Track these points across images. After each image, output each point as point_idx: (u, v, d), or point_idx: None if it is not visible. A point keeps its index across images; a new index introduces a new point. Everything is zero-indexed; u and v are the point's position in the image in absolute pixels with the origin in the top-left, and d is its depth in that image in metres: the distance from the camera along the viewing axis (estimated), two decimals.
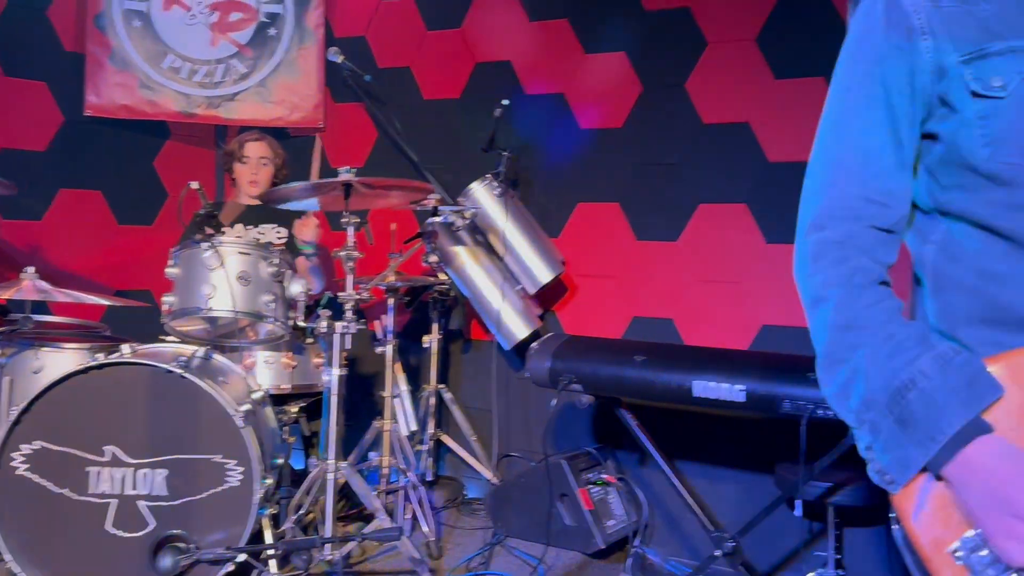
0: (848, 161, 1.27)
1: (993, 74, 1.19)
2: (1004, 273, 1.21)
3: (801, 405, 2.91)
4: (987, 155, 1.19)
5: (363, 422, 3.83)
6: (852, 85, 1.29)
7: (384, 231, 3.98)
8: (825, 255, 1.25)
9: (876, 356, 1.18)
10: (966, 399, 1.11)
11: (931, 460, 1.11)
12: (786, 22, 3.68)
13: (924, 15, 1.23)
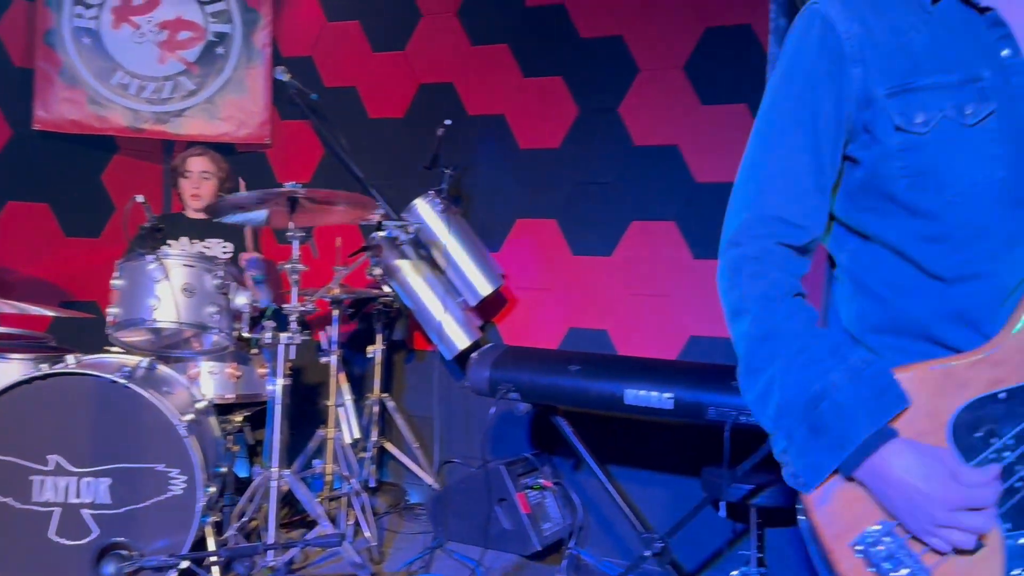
0: (770, 181, 1.27)
1: (917, 110, 1.19)
2: (909, 288, 1.22)
3: (725, 412, 2.94)
4: (904, 187, 1.20)
5: (308, 430, 3.77)
6: (782, 106, 1.28)
7: (329, 245, 3.93)
8: (742, 270, 1.25)
9: (791, 367, 1.19)
10: (874, 410, 1.13)
11: (841, 465, 1.13)
12: (712, 52, 3.73)
13: (856, 43, 1.22)
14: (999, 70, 1.17)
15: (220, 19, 4.57)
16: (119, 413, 2.96)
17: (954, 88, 1.17)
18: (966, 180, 1.17)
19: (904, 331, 1.24)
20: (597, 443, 3.47)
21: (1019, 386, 1.14)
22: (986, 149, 1.16)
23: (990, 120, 1.16)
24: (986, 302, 1.18)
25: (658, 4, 3.84)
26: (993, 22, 1.18)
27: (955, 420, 1.14)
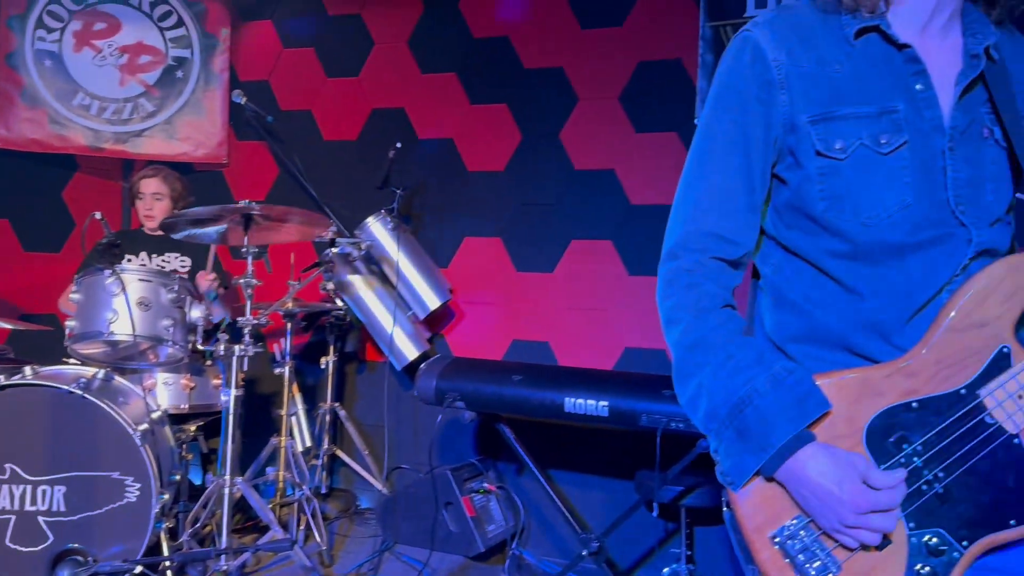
0: (705, 200, 1.27)
1: (836, 137, 1.20)
2: (827, 301, 1.24)
3: (657, 419, 2.97)
4: (823, 208, 1.21)
5: (261, 439, 3.72)
6: (716, 128, 1.28)
7: (284, 261, 3.90)
8: (677, 281, 1.26)
9: (719, 374, 1.20)
10: (794, 415, 1.14)
11: (763, 466, 1.15)
12: (645, 84, 3.78)
13: (784, 71, 1.22)
14: (912, 103, 1.20)
15: (180, 44, 4.52)
16: (75, 423, 2.91)
17: (871, 119, 1.19)
18: (879, 204, 1.19)
19: (822, 341, 1.25)
20: (538, 449, 3.48)
21: (929, 396, 1.17)
22: (898, 176, 1.19)
23: (903, 150, 1.19)
24: (897, 316, 1.21)
25: (596, 38, 3.88)
26: (909, 58, 1.21)
27: (870, 426, 1.17)
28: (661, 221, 1.35)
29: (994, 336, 1.17)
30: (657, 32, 3.77)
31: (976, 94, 1.21)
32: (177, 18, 4.52)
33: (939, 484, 1.15)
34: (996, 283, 1.17)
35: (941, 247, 1.19)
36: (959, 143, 1.19)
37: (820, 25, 1.24)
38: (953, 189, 1.18)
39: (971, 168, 1.20)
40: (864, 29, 1.21)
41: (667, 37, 3.74)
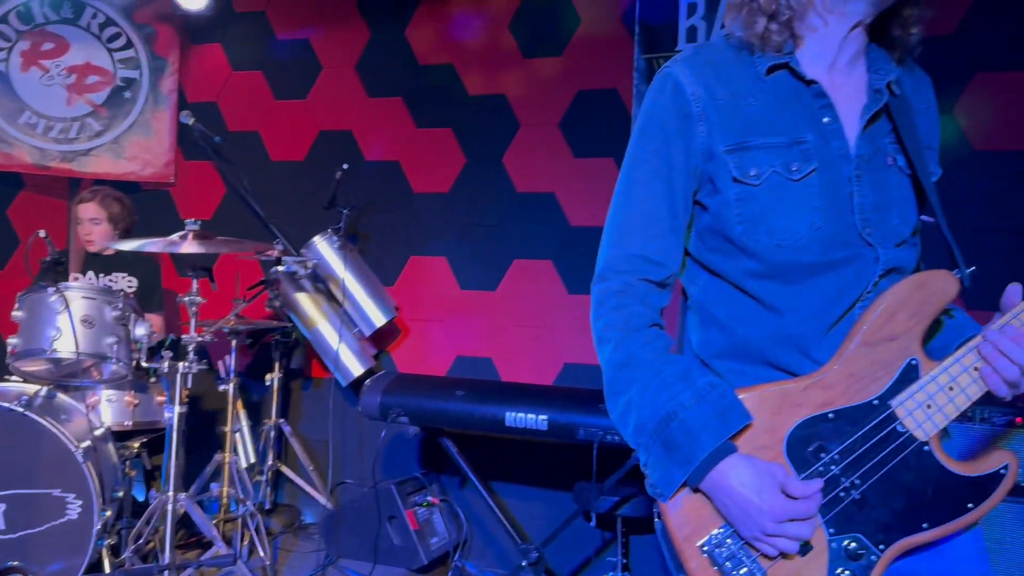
0: (632, 224, 1.31)
1: (751, 165, 1.25)
2: (748, 319, 1.29)
3: (594, 432, 3.02)
4: (740, 231, 1.26)
5: (205, 455, 3.68)
6: (641, 158, 1.32)
7: (230, 278, 3.90)
8: (607, 302, 1.30)
9: (647, 390, 1.23)
10: (717, 428, 1.18)
11: (689, 477, 1.19)
12: (583, 111, 3.85)
13: (702, 104, 1.27)
14: (820, 134, 1.25)
15: (128, 65, 4.49)
16: (17, 440, 2.88)
17: (782, 148, 1.25)
18: (791, 227, 1.24)
19: (744, 356, 1.30)
20: (481, 462, 3.51)
21: (844, 408, 1.21)
22: (808, 201, 1.24)
23: (812, 176, 1.24)
24: (813, 331, 1.25)
25: (537, 68, 3.95)
26: (816, 93, 1.26)
27: (790, 436, 1.21)
28: (599, 242, 1.40)
29: (903, 349, 1.22)
30: (594, 63, 3.85)
31: (880, 125, 1.28)
32: (126, 40, 4.49)
33: (856, 491, 1.19)
34: (904, 299, 1.22)
35: (852, 266, 1.25)
36: (865, 171, 1.26)
37: (734, 62, 1.30)
38: (860, 213, 1.24)
39: (877, 193, 1.26)
40: (775, 66, 1.28)
41: (604, 68, 3.82)
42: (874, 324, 1.22)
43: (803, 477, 1.19)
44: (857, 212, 1.24)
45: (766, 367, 1.27)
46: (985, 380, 1.19)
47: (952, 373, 1.20)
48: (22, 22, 4.33)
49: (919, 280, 1.24)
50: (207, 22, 4.44)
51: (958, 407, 1.20)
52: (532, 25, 3.98)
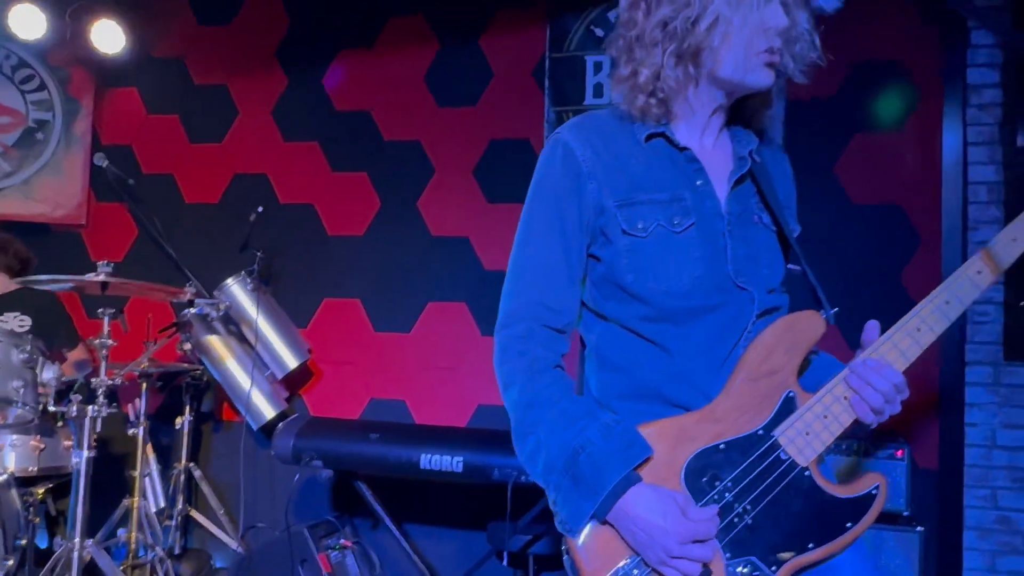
0: (531, 275, 1.38)
1: (638, 218, 1.34)
2: (643, 360, 1.36)
3: (508, 472, 3.09)
4: (631, 279, 1.35)
5: (113, 500, 3.59)
6: (537, 214, 1.41)
7: (141, 321, 3.86)
8: (510, 348, 1.36)
9: (553, 428, 1.28)
10: (622, 460, 1.23)
11: (597, 509, 1.22)
12: (496, 159, 3.99)
13: (590, 164, 1.36)
14: (696, 194, 1.37)
15: (41, 107, 4.44)
16: None
17: (664, 204, 1.35)
18: (676, 275, 1.33)
19: (642, 396, 1.36)
20: (395, 504, 3.54)
21: (734, 438, 1.29)
22: (688, 251, 1.34)
23: (691, 230, 1.35)
24: (704, 368, 1.33)
25: (452, 116, 4.07)
26: (689, 159, 1.39)
27: (687, 467, 1.27)
28: None
29: (781, 383, 1.31)
30: (507, 113, 4.00)
31: (745, 187, 1.42)
32: (40, 82, 4.45)
33: (748, 516, 1.26)
34: (779, 337, 1.32)
35: (730, 308, 1.35)
36: (735, 226, 1.38)
37: (618, 129, 1.41)
38: (733, 263, 1.36)
39: (747, 247, 1.38)
40: (652, 135, 1.39)
41: (516, 118, 3.97)
42: (754, 361, 1.31)
43: (700, 505, 1.25)
44: (731, 263, 1.36)
45: (663, 404, 1.34)
46: (853, 408, 1.29)
47: (825, 403, 1.30)
48: None
49: (791, 320, 1.34)
50: (123, 66, 4.41)
51: (832, 433, 1.30)
52: (447, 76, 4.11)
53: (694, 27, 1.32)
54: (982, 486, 3.37)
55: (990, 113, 3.48)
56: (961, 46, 3.50)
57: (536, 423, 1.30)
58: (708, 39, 1.32)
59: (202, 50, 4.47)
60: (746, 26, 1.31)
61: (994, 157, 3.48)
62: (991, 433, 3.39)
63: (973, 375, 3.43)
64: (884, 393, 1.28)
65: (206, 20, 4.49)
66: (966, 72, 3.50)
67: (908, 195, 3.55)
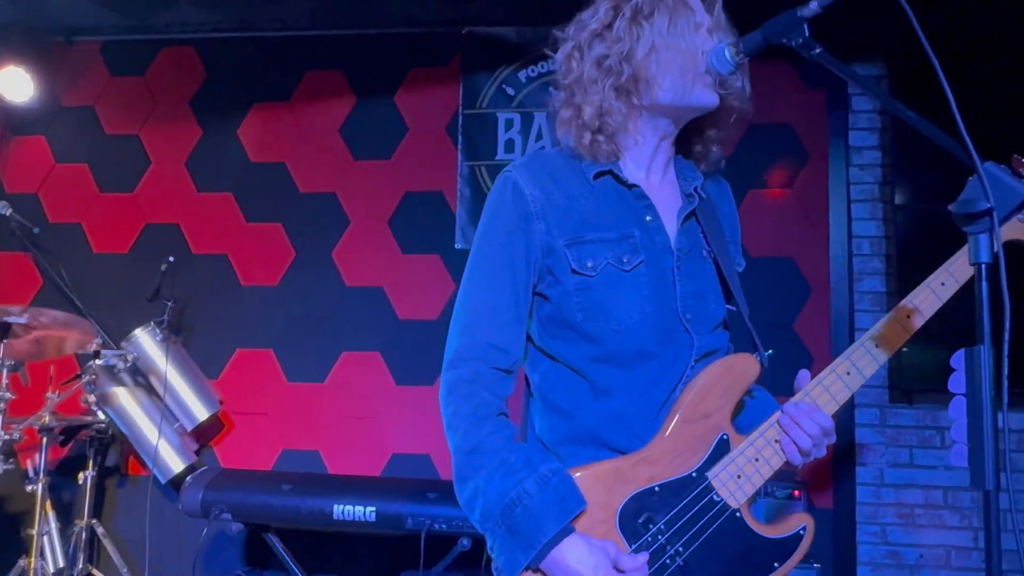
0: (479, 313, 1.37)
1: (587, 257, 1.34)
2: (584, 404, 1.36)
3: (421, 521, 3.11)
4: (580, 318, 1.34)
5: (8, 561, 3.47)
6: (486, 252, 1.39)
7: (42, 373, 3.76)
8: (456, 390, 1.34)
9: (492, 477, 1.27)
10: (557, 513, 1.23)
11: (531, 561, 1.23)
12: (410, 211, 4.07)
13: (540, 205, 1.36)
14: (645, 230, 1.38)
15: None
16: None
17: (613, 243, 1.35)
18: (625, 312, 1.34)
19: (581, 440, 1.36)
20: (307, 556, 3.50)
21: (668, 481, 1.30)
22: (638, 289, 1.34)
23: (640, 267, 1.35)
24: (642, 411, 1.33)
25: (366, 168, 4.14)
26: (638, 196, 1.40)
27: (622, 510, 1.27)
28: (426, 334, 1.54)
29: (715, 426, 1.32)
30: (421, 166, 4.09)
31: (693, 224, 1.43)
32: None
33: (680, 558, 1.27)
34: (715, 380, 1.33)
35: (674, 350, 1.36)
36: (684, 262, 1.39)
37: (567, 168, 1.42)
38: (680, 300, 1.37)
39: (695, 282, 1.39)
40: (600, 172, 1.40)
41: (430, 171, 4.06)
42: (689, 404, 1.32)
43: (634, 547, 1.26)
44: (679, 299, 1.37)
45: (603, 448, 1.34)
46: (783, 450, 1.32)
47: (757, 446, 1.32)
48: None
49: (727, 363, 1.36)
50: (31, 114, 4.34)
51: (763, 476, 1.32)
52: (362, 130, 4.18)
53: (629, 59, 1.36)
54: (872, 523, 3.55)
55: (871, 173, 3.75)
56: (843, 111, 3.77)
57: (476, 469, 1.30)
58: (645, 68, 1.36)
59: (114, 100, 4.44)
60: (680, 52, 1.35)
61: (875, 213, 3.73)
62: (879, 472, 3.58)
63: (862, 417, 3.63)
64: (813, 437, 1.31)
65: (119, 71, 4.47)
66: (848, 135, 3.77)
67: (799, 248, 3.77)
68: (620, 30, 1.38)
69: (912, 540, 3.51)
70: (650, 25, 1.37)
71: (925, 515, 3.51)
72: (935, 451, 3.55)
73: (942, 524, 3.49)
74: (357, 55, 4.21)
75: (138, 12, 4.16)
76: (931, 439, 3.56)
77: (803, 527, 1.34)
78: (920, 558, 3.48)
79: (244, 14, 4.15)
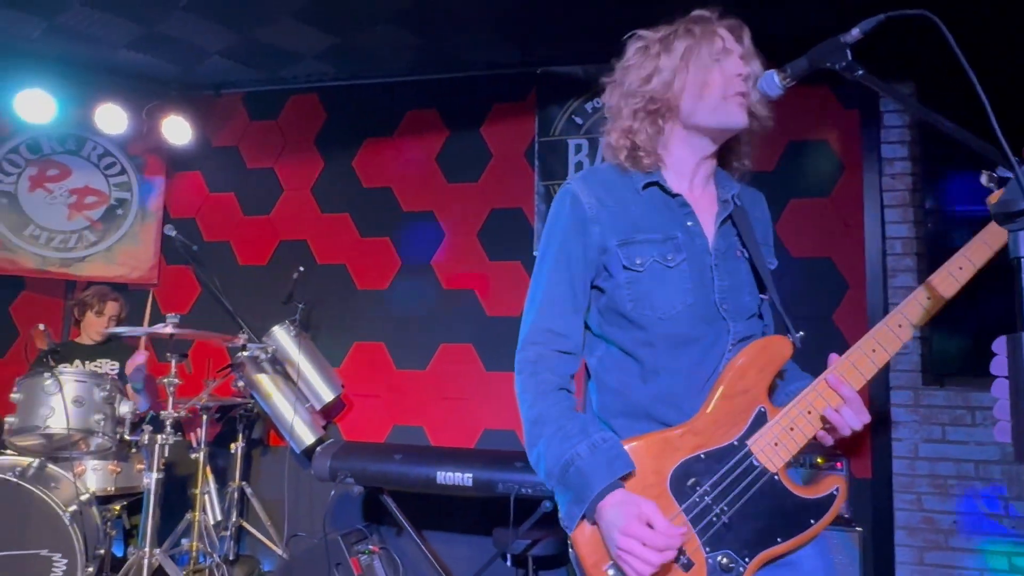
0: (541, 304, 1.37)
1: (636, 255, 1.33)
2: (635, 383, 1.35)
3: (510, 486, 3.09)
4: (630, 308, 1.33)
5: (177, 514, 3.60)
6: (549, 254, 1.39)
7: (202, 363, 3.91)
8: (524, 369, 1.35)
9: (551, 442, 1.28)
10: (605, 473, 1.22)
11: (584, 512, 1.22)
12: (496, 224, 4.06)
13: (595, 210, 1.36)
14: (687, 233, 1.36)
15: (122, 188, 4.50)
16: (10, 507, 2.79)
17: (659, 243, 1.34)
18: (668, 304, 1.32)
19: (634, 415, 1.34)
20: (415, 514, 3.52)
21: (713, 449, 1.28)
22: (680, 284, 1.33)
23: (683, 264, 1.33)
24: (688, 389, 1.31)
25: (459, 190, 4.15)
26: (681, 204, 1.38)
27: (672, 474, 1.26)
28: (510, 328, 1.50)
29: (754, 400, 1.30)
30: (504, 187, 4.08)
31: (728, 227, 1.41)
32: (120, 167, 4.52)
33: (725, 516, 1.25)
34: (752, 359, 1.31)
35: (713, 336, 1.33)
36: (721, 261, 1.37)
37: (618, 179, 1.41)
38: (719, 293, 1.35)
39: (731, 278, 1.37)
40: (648, 184, 1.39)
41: (512, 191, 4.05)
42: (730, 381, 1.30)
43: (683, 507, 1.24)
44: (716, 292, 1.35)
45: (650, 421, 1.33)
46: (816, 420, 1.29)
47: (791, 416, 1.29)
48: (30, 152, 4.33)
49: (762, 344, 1.34)
50: (189, 154, 4.49)
51: (798, 443, 1.29)
52: (454, 158, 4.19)
53: (647, 84, 1.35)
54: (908, 491, 3.39)
55: (902, 181, 3.57)
56: (875, 127, 3.60)
57: (539, 436, 1.30)
58: (670, 94, 1.34)
59: (253, 140, 4.56)
60: (700, 74, 1.33)
61: (907, 217, 3.56)
62: (914, 446, 3.41)
63: (897, 398, 3.46)
64: (849, 401, 1.28)
65: (257, 116, 4.58)
66: (880, 148, 3.60)
67: (836, 249, 3.62)
68: (644, 61, 1.38)
69: (945, 507, 3.33)
70: (669, 54, 1.35)
71: (958, 485, 3.33)
72: (966, 428, 3.36)
73: (974, 494, 3.30)
74: (448, 95, 4.23)
75: (271, 67, 4.26)
76: (962, 418, 3.37)
77: (836, 488, 1.30)
78: (953, 523, 3.30)
79: (356, 66, 4.21)
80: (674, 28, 1.38)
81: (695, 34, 1.36)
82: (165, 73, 4.28)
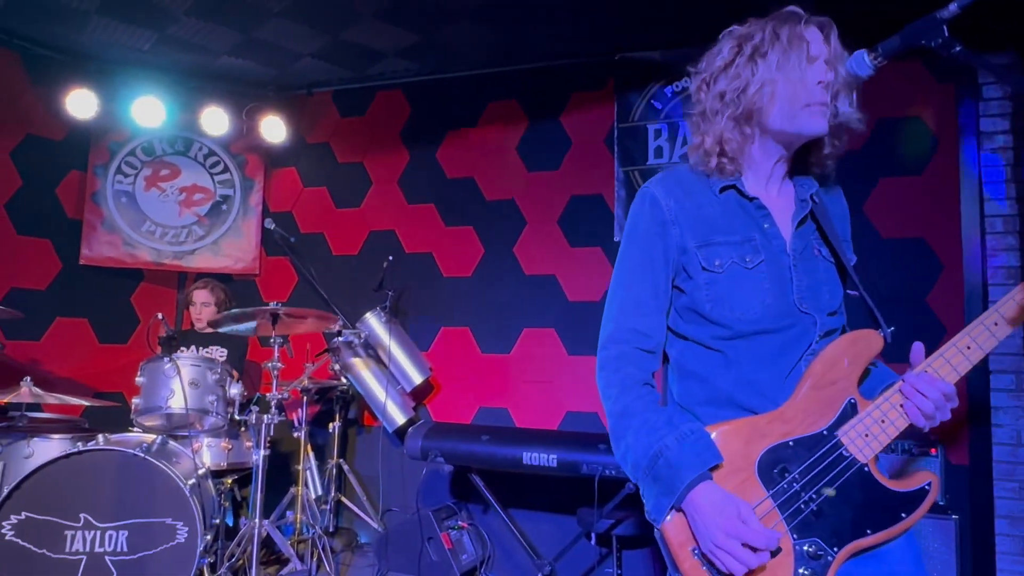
0: (626, 306, 1.37)
1: (715, 257, 1.32)
2: (717, 372, 1.33)
3: (594, 467, 3.06)
4: (709, 308, 1.32)
5: (282, 489, 3.72)
6: (630, 254, 1.39)
7: (301, 348, 3.97)
8: (607, 366, 1.35)
9: (638, 435, 1.27)
10: (695, 463, 1.21)
11: (674, 503, 1.21)
12: (576, 211, 4.00)
13: (674, 213, 1.35)
14: (765, 235, 1.34)
15: (225, 185, 4.63)
16: (137, 479, 2.89)
17: (738, 244, 1.33)
18: (747, 303, 1.31)
19: (716, 402, 1.32)
20: (501, 493, 3.53)
21: (801, 437, 1.25)
22: (759, 284, 1.31)
23: (761, 265, 1.32)
24: (771, 378, 1.30)
25: (539, 178, 4.11)
26: (758, 207, 1.36)
27: (760, 460, 1.24)
28: (592, 313, 1.50)
29: (843, 391, 1.27)
30: (584, 174, 4.01)
31: (807, 227, 1.38)
32: (224, 166, 4.65)
33: (814, 504, 1.22)
34: (842, 352, 1.28)
35: (797, 330, 1.31)
36: (799, 261, 1.34)
37: (696, 182, 1.39)
38: (797, 293, 1.32)
39: (809, 277, 1.34)
40: (725, 187, 1.37)
41: (592, 178, 3.98)
42: (820, 372, 1.27)
43: (771, 493, 1.22)
44: (795, 292, 1.32)
45: (735, 408, 1.31)
46: (907, 414, 1.25)
47: (883, 409, 1.26)
48: (145, 154, 4.52)
49: (853, 337, 1.30)
50: (285, 151, 4.61)
51: (889, 436, 1.25)
52: (534, 146, 4.15)
53: (744, 94, 1.32)
54: (1010, 480, 3.16)
55: (1003, 155, 3.31)
56: (973, 100, 3.35)
57: (626, 429, 1.29)
58: (758, 101, 1.31)
59: (344, 136, 4.63)
60: (790, 84, 1.29)
61: (1008, 193, 3.30)
62: (1016, 433, 3.18)
63: (997, 382, 3.23)
64: (934, 400, 1.23)
65: (346, 113, 4.65)
66: (979, 122, 3.34)
67: (930, 229, 3.40)
68: (739, 67, 1.32)
69: None
70: (765, 62, 1.30)
71: None
72: None
73: None
74: (528, 86, 4.19)
75: (358, 66, 4.31)
76: None
77: (928, 483, 1.25)
78: None
79: (437, 60, 4.21)
80: (765, 28, 1.33)
81: (785, 39, 1.31)
82: (262, 76, 4.40)
